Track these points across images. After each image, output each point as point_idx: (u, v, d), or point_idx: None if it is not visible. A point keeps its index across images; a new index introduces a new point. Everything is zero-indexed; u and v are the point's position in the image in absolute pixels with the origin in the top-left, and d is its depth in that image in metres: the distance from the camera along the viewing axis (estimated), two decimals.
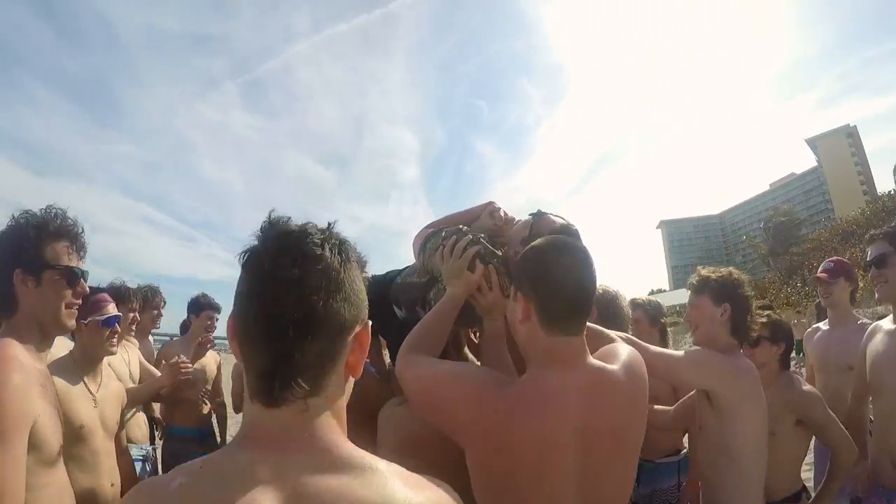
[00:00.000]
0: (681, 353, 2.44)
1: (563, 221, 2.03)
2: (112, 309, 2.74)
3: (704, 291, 2.47)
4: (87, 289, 2.05)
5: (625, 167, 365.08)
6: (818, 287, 3.94)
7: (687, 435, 3.46)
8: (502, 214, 2.25)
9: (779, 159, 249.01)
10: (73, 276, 1.92)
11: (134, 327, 3.82)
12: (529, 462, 1.39)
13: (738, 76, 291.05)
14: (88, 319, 2.57)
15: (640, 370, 1.59)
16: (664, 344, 3.62)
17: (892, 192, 43.80)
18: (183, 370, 3.53)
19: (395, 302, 2.35)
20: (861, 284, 4.21)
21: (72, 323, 1.97)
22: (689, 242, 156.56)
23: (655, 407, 3.04)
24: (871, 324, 3.22)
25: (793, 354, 3.32)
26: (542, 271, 1.51)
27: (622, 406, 1.50)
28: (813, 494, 2.98)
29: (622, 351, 1.63)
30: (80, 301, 1.99)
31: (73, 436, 2.26)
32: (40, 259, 1.83)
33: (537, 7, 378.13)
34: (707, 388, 2.36)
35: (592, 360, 1.53)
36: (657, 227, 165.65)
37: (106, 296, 2.79)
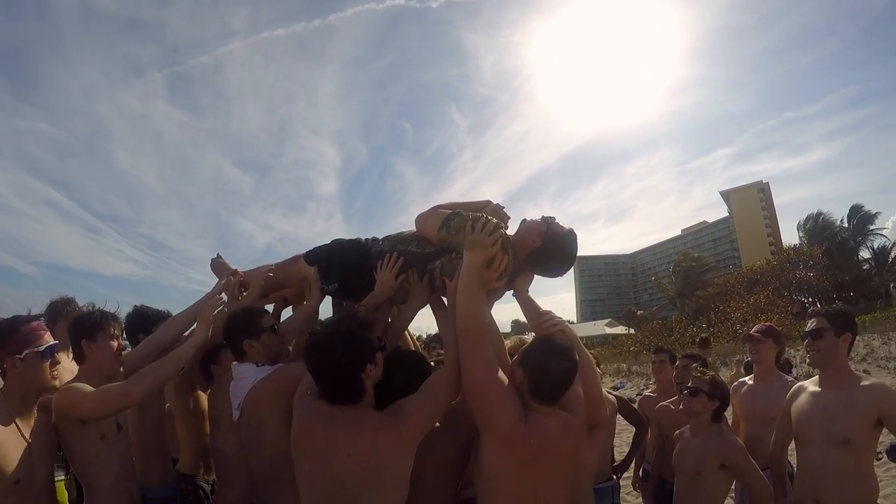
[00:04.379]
0: None
1: (568, 227, 2.81)
2: (49, 338, 2.45)
3: None
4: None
5: (543, 201, 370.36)
6: (748, 344, 4.31)
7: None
8: (505, 212, 3.03)
9: (693, 207, 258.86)
10: None
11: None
12: (521, 462, 2.22)
13: (663, 126, 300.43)
14: (24, 353, 2.34)
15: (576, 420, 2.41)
16: None
17: (797, 245, 45.02)
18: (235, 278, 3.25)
19: (376, 266, 2.99)
20: None
21: None
22: (599, 279, 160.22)
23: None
24: (792, 381, 3.84)
25: None
26: (541, 368, 2.29)
27: (570, 440, 2.35)
28: None
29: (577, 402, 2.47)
30: None
31: (7, 492, 2.18)
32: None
33: (475, 40, 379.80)
34: None
35: (559, 411, 2.33)
36: None
37: (40, 323, 2.49)
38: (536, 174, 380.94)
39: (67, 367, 3.47)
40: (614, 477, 4.18)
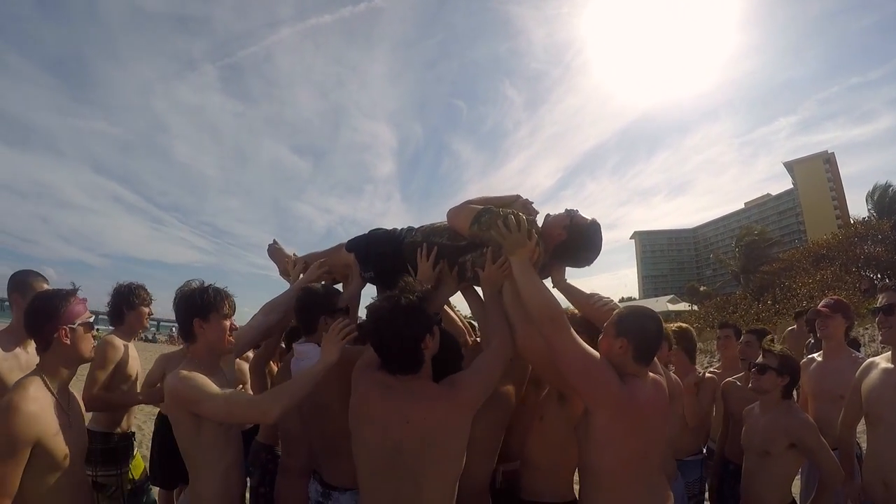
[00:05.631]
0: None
1: (591, 218, 2.95)
2: (88, 311, 2.50)
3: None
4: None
5: (602, 176, 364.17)
6: (817, 319, 4.17)
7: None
8: (533, 207, 3.13)
9: (756, 179, 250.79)
10: None
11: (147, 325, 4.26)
12: (633, 424, 2.33)
13: (722, 95, 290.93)
14: (77, 322, 2.41)
15: (664, 380, 2.60)
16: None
17: (865, 219, 43.03)
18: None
19: (410, 259, 3.09)
20: None
21: None
22: (661, 254, 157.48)
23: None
24: (862, 358, 3.68)
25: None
26: (643, 332, 2.43)
27: (664, 399, 2.52)
28: None
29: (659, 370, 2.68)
30: None
31: (56, 468, 2.25)
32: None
33: (523, 14, 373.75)
34: None
35: (650, 374, 2.49)
36: (631, 238, 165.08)
37: (81, 297, 2.49)
38: (594, 148, 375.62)
39: (132, 353, 4.13)
40: (704, 451, 4.30)
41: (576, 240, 2.92)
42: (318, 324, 2.90)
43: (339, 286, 3.63)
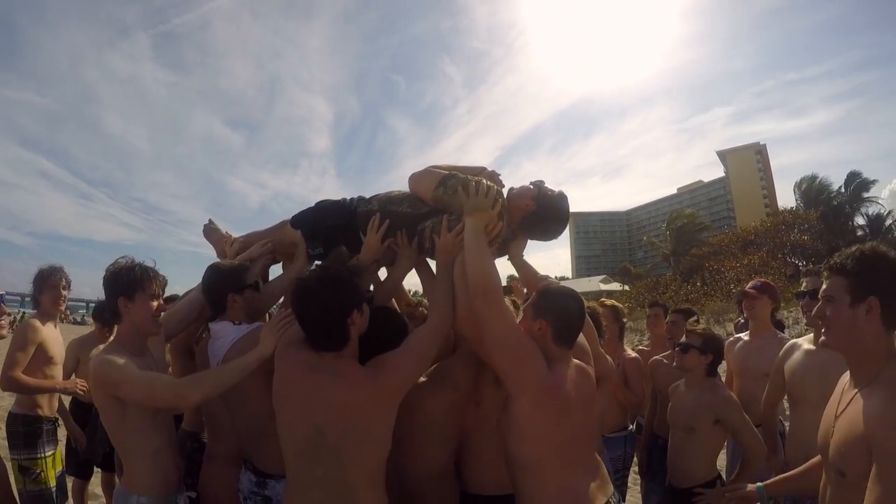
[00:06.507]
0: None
1: (558, 190, 2.85)
2: None
3: None
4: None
5: (538, 156, 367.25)
6: (744, 300, 4.32)
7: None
8: (500, 179, 2.94)
9: (690, 166, 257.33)
10: None
11: (63, 307, 4.30)
12: (557, 413, 2.21)
13: (662, 82, 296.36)
14: None
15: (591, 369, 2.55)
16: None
17: (792, 208, 44.92)
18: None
19: (365, 231, 2.88)
20: None
21: None
22: (594, 235, 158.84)
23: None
24: (786, 338, 3.82)
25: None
26: (564, 312, 2.35)
27: (591, 386, 2.46)
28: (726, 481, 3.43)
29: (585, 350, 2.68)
30: None
31: None
32: None
33: None
34: None
35: (573, 360, 2.41)
36: None
37: None
38: (532, 129, 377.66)
39: (54, 336, 4.20)
40: (630, 427, 4.44)
41: (544, 211, 2.82)
42: (226, 302, 2.73)
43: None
